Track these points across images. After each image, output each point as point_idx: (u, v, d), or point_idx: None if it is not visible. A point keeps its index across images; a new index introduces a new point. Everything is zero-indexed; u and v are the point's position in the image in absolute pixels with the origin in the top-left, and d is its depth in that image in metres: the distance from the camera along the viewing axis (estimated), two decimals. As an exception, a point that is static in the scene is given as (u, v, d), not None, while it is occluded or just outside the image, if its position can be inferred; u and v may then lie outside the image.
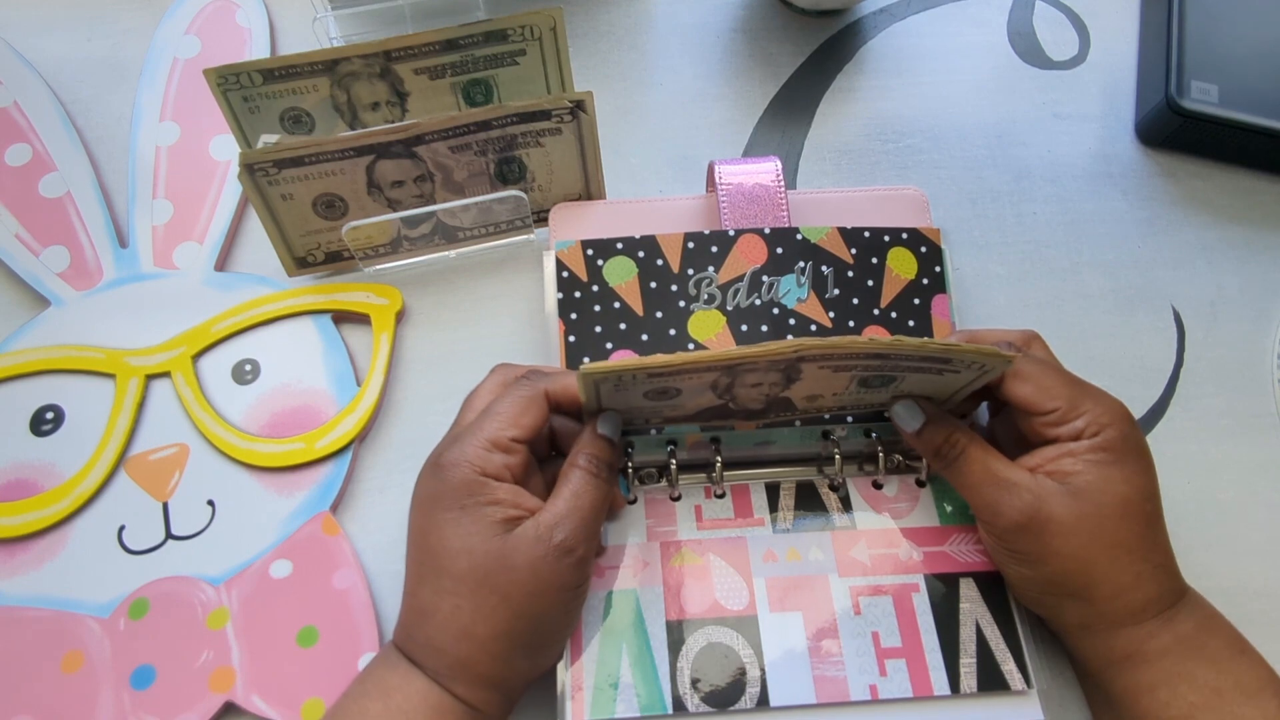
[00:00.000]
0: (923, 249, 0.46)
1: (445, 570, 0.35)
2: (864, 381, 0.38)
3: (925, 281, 0.46)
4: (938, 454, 0.39)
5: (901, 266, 0.46)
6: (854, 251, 0.46)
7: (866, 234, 0.46)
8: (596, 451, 0.38)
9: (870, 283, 0.45)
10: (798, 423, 0.43)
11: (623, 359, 0.35)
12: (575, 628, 0.39)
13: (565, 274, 0.45)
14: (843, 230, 0.46)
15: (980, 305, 0.51)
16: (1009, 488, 0.37)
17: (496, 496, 0.36)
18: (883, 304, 0.45)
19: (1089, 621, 0.38)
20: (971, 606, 0.40)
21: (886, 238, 0.46)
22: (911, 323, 0.45)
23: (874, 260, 0.45)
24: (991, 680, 0.39)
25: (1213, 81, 0.54)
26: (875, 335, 0.39)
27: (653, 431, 0.43)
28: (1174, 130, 0.55)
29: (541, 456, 0.40)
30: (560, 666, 0.39)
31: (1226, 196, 0.55)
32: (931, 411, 0.40)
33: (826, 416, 0.43)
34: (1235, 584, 0.40)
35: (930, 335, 0.45)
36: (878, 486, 0.43)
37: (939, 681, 0.38)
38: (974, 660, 0.39)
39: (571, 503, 0.36)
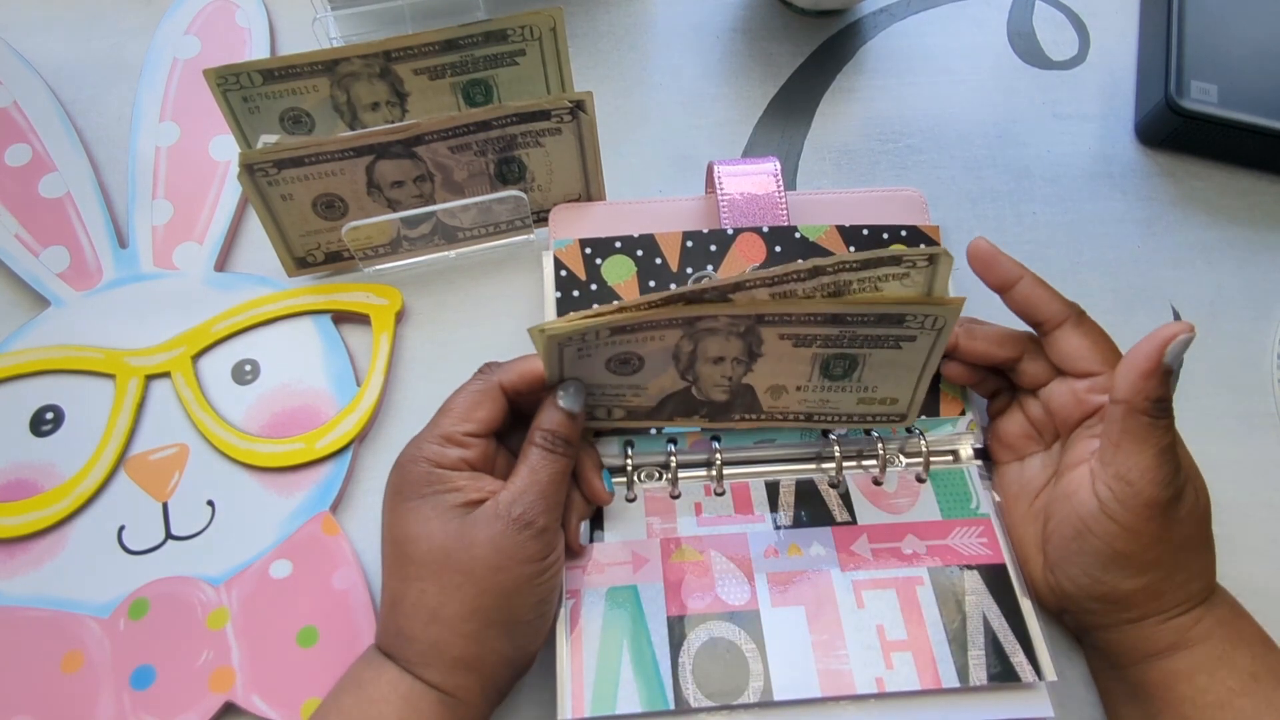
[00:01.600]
0: (921, 247, 0.46)
1: (408, 556, 0.36)
2: (826, 368, 0.38)
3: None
4: (1163, 400, 0.37)
5: (901, 266, 0.46)
6: (852, 249, 0.46)
7: (865, 232, 0.46)
8: (553, 427, 0.38)
9: None
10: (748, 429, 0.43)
11: (582, 313, 0.35)
12: (553, 610, 0.39)
13: (564, 273, 0.45)
14: (841, 228, 0.46)
15: (980, 306, 0.51)
16: (1176, 462, 0.37)
17: (456, 484, 0.37)
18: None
19: (1148, 610, 0.38)
20: (978, 599, 0.40)
21: (885, 235, 0.46)
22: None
23: None
24: (1002, 672, 0.38)
25: (1213, 81, 0.54)
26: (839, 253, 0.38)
27: (652, 431, 0.43)
28: (1174, 130, 0.55)
29: (503, 435, 0.41)
30: (560, 663, 0.39)
31: (1226, 196, 0.55)
32: None
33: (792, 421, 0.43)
34: (1235, 584, 0.40)
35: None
36: (877, 484, 0.43)
37: (947, 674, 0.38)
38: (983, 652, 0.39)
39: (529, 479, 0.37)
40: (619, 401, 0.40)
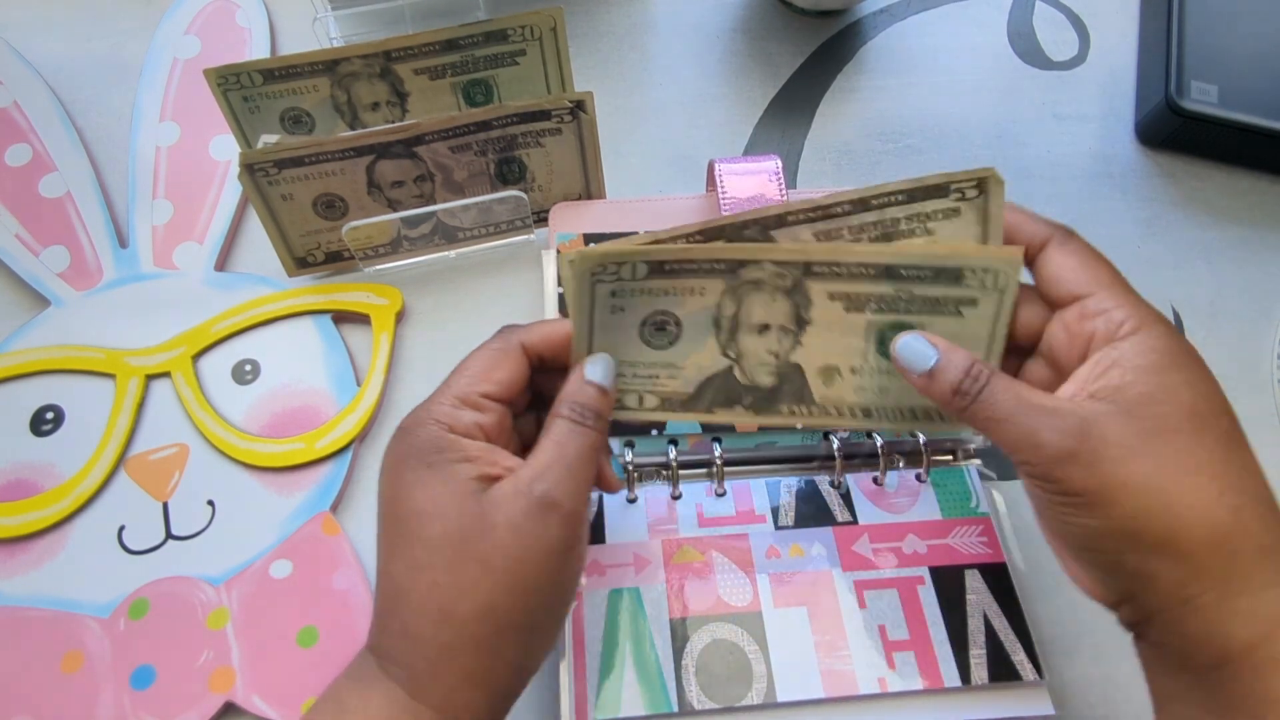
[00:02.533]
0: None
1: (416, 537, 0.31)
2: (881, 342, 0.35)
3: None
4: (958, 391, 0.32)
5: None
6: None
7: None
8: (583, 400, 0.33)
9: None
10: (800, 426, 0.43)
11: (618, 242, 0.32)
12: (569, 612, 0.36)
13: (566, 273, 0.45)
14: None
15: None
16: (1048, 413, 0.30)
17: (469, 454, 0.32)
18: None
19: (1189, 585, 0.28)
20: (978, 598, 0.40)
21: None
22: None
23: None
24: (1003, 671, 0.38)
25: (1213, 81, 0.54)
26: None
27: (653, 433, 0.43)
28: (1174, 130, 0.55)
29: (518, 413, 0.36)
30: (562, 667, 0.39)
31: (1226, 196, 0.55)
32: (943, 344, 0.33)
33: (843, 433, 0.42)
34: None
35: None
36: (877, 483, 0.43)
37: (949, 673, 0.38)
38: (983, 651, 0.39)
39: (554, 453, 0.32)
40: (652, 385, 0.36)
